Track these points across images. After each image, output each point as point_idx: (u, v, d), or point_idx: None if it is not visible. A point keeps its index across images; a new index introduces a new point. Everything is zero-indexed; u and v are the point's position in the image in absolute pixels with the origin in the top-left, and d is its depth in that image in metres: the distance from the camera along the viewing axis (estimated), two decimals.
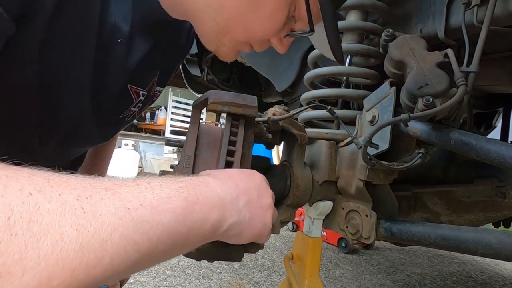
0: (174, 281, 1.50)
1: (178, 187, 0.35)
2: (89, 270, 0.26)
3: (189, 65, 1.45)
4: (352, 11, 0.84)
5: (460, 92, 0.51)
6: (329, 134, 0.80)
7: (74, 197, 0.27)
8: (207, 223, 0.36)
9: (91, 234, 0.26)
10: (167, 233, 0.32)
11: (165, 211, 0.32)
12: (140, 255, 0.29)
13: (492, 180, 0.90)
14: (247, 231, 0.41)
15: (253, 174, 0.46)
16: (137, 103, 0.63)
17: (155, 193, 0.32)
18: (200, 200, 0.36)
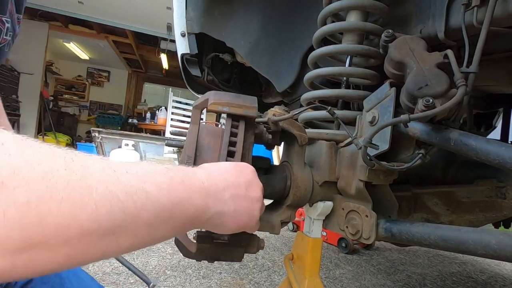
0: (174, 281, 1.50)
1: (166, 168, 0.37)
2: (75, 209, 0.26)
3: (189, 66, 1.45)
4: (352, 12, 0.84)
5: (460, 92, 0.51)
6: (329, 134, 0.80)
7: (62, 150, 0.29)
8: (190, 205, 0.37)
9: (78, 177, 0.27)
10: (151, 202, 0.32)
11: (150, 182, 0.33)
12: (125, 216, 0.30)
13: (492, 181, 0.90)
14: (232, 222, 0.43)
15: (244, 168, 0.47)
16: (6, 32, 0.63)
17: (142, 167, 0.34)
18: (185, 182, 0.37)
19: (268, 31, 1.24)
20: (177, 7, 1.29)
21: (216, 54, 1.45)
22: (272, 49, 1.26)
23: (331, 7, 0.83)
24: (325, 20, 0.88)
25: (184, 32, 1.30)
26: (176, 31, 1.33)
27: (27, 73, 6.66)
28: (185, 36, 1.30)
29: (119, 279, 1.47)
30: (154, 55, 7.78)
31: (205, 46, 1.45)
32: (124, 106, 10.04)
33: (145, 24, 6.21)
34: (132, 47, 7.73)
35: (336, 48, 0.84)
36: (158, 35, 6.47)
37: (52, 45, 7.61)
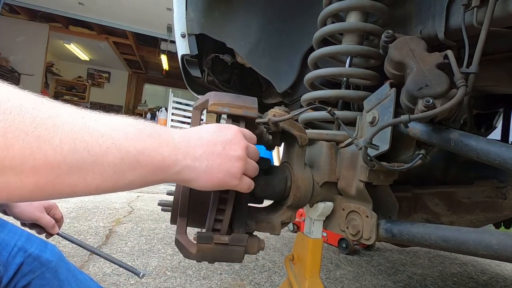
0: (174, 282, 1.50)
1: (136, 121, 0.40)
2: (40, 142, 0.30)
3: (190, 67, 1.45)
4: (352, 12, 0.84)
5: (460, 93, 0.51)
6: (330, 135, 0.80)
7: (37, 96, 0.32)
8: (158, 155, 0.39)
9: (46, 116, 0.30)
10: (116, 146, 0.35)
11: (117, 130, 0.36)
12: (90, 156, 0.33)
13: (493, 181, 0.90)
14: (205, 178, 0.44)
15: (225, 128, 0.48)
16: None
17: (113, 118, 0.37)
18: (154, 136, 0.40)
19: (268, 32, 1.25)
20: (177, 8, 1.30)
21: (216, 55, 1.45)
22: (272, 49, 1.26)
23: (331, 7, 0.83)
24: (325, 20, 0.88)
25: (184, 33, 1.30)
26: (176, 32, 1.33)
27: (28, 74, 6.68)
28: (185, 37, 1.31)
29: (119, 280, 1.46)
30: (154, 56, 7.80)
31: (205, 47, 1.46)
32: (125, 107, 10.05)
33: (145, 25, 6.22)
34: (132, 48, 7.74)
35: (336, 48, 0.84)
36: (158, 36, 6.49)
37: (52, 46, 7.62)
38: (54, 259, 0.79)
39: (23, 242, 0.77)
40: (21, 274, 0.73)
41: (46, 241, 0.84)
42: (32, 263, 0.75)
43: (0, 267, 0.69)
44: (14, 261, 0.73)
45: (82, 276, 0.84)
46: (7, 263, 0.71)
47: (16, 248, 0.75)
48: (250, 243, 0.59)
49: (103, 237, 2.02)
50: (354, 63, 0.91)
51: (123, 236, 2.08)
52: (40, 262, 0.76)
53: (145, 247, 1.91)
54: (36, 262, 0.75)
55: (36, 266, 0.75)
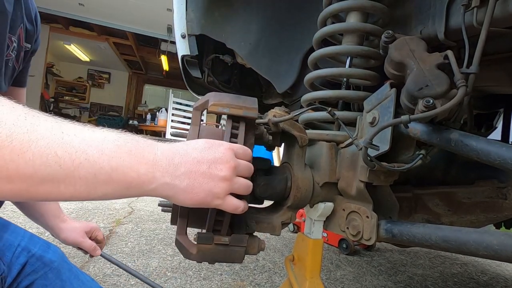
0: (175, 283, 1.49)
1: (118, 137, 0.41)
2: (13, 155, 0.33)
3: (190, 67, 1.45)
4: (352, 13, 0.84)
5: (460, 93, 0.51)
6: (330, 135, 0.80)
7: (24, 111, 0.36)
8: (132, 172, 0.40)
9: (23, 131, 0.34)
10: (89, 162, 0.37)
11: (93, 147, 0.38)
12: (61, 170, 0.36)
13: (493, 181, 0.90)
14: (184, 196, 0.44)
15: (215, 146, 0.48)
16: (13, 49, 0.71)
17: (94, 134, 0.40)
18: (133, 152, 0.41)
19: (268, 32, 1.25)
20: (177, 9, 1.30)
21: (216, 55, 1.45)
22: (272, 50, 1.26)
23: (331, 8, 0.84)
24: (325, 21, 0.88)
25: (185, 33, 1.30)
26: (177, 32, 1.33)
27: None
28: (186, 38, 1.31)
29: (119, 280, 1.46)
30: (154, 56, 7.80)
31: (205, 48, 1.46)
32: (125, 108, 10.06)
33: (145, 26, 6.22)
34: (133, 49, 7.75)
35: (336, 49, 0.84)
36: (159, 36, 6.49)
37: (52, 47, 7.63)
38: (57, 260, 0.79)
39: (26, 243, 0.77)
40: (24, 274, 0.73)
41: (49, 241, 0.84)
42: (35, 263, 0.75)
43: (4, 267, 0.69)
44: (18, 261, 0.73)
45: (83, 276, 0.84)
46: (11, 263, 0.72)
47: (19, 249, 0.75)
48: (251, 244, 0.59)
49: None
50: (354, 63, 0.91)
51: (123, 237, 2.08)
52: (43, 262, 0.76)
53: (145, 248, 1.91)
54: (39, 262, 0.76)
55: (39, 266, 0.75)
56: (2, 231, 0.74)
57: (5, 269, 0.69)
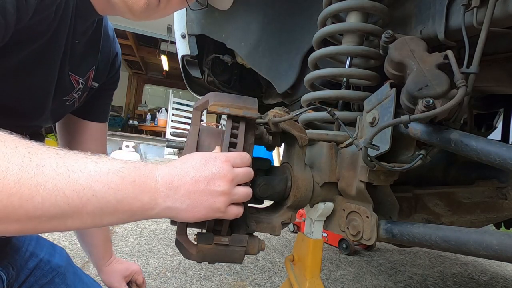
0: (175, 283, 1.49)
1: (121, 167, 0.42)
2: (22, 201, 0.34)
3: (190, 67, 1.45)
4: (352, 13, 0.84)
5: (460, 93, 0.51)
6: (330, 135, 0.80)
7: (27, 150, 0.36)
8: (137, 202, 0.42)
9: (30, 176, 0.35)
10: (97, 198, 0.39)
11: (100, 181, 0.39)
12: (69, 208, 0.37)
13: (493, 181, 0.90)
14: (187, 216, 0.46)
15: (211, 161, 0.48)
16: (77, 90, 0.73)
17: (97, 166, 0.40)
18: (136, 182, 0.42)
19: (268, 32, 1.25)
20: None
21: (216, 55, 1.45)
22: (272, 50, 1.26)
23: (331, 8, 0.84)
24: (325, 21, 0.88)
25: (185, 33, 1.30)
26: (177, 32, 1.33)
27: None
28: (186, 38, 1.31)
29: None
30: (154, 56, 7.80)
31: (206, 48, 1.46)
32: (125, 108, 10.05)
33: (145, 26, 6.22)
34: (133, 49, 7.74)
35: (336, 49, 0.84)
36: (159, 36, 6.48)
37: None
38: (63, 264, 0.80)
39: (34, 247, 0.77)
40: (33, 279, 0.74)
41: (54, 244, 0.84)
42: (44, 267, 0.76)
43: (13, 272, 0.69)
44: (27, 265, 0.73)
45: (87, 279, 0.85)
46: (20, 266, 0.72)
47: (28, 253, 0.75)
48: (250, 244, 0.59)
49: None
50: (354, 63, 0.91)
51: (123, 237, 2.08)
52: (51, 267, 0.77)
53: (145, 248, 1.91)
54: (47, 267, 0.77)
55: (47, 270, 0.76)
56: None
57: (13, 274, 0.69)
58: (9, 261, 0.69)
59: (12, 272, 0.69)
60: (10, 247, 0.72)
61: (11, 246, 0.72)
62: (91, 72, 0.76)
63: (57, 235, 1.97)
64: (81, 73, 0.72)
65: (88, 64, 0.73)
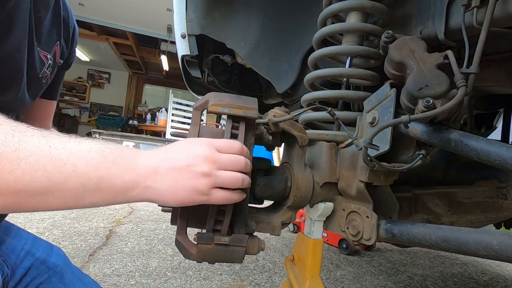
0: (175, 283, 1.49)
1: (104, 147, 0.43)
2: (3, 174, 0.36)
3: (190, 67, 1.45)
4: (352, 13, 0.84)
5: (460, 93, 0.51)
6: (330, 135, 0.80)
7: (11, 128, 0.38)
8: (118, 180, 0.42)
9: (12, 150, 0.36)
10: (77, 174, 0.40)
11: (81, 158, 0.40)
12: (51, 183, 0.38)
13: (493, 181, 0.90)
14: (168, 197, 0.45)
15: (195, 143, 0.48)
16: (48, 66, 0.72)
17: (79, 145, 0.41)
18: (117, 161, 0.43)
19: (268, 33, 1.25)
20: (177, 9, 1.30)
21: (216, 55, 1.45)
22: (272, 50, 1.26)
23: (331, 8, 0.84)
24: (325, 21, 0.88)
25: (185, 33, 1.30)
26: (177, 32, 1.33)
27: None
28: (186, 38, 1.31)
29: (119, 280, 1.46)
30: (154, 56, 7.80)
31: (206, 48, 1.46)
32: (125, 108, 10.05)
33: (145, 26, 6.22)
34: (133, 49, 7.74)
35: (336, 49, 0.84)
36: (159, 36, 6.49)
37: None
38: (60, 263, 0.79)
39: (30, 246, 0.77)
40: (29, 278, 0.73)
41: (51, 244, 0.84)
42: (39, 267, 0.75)
43: (8, 271, 0.69)
44: (22, 265, 0.73)
45: (86, 278, 0.84)
46: (15, 266, 0.72)
47: (23, 252, 0.75)
48: (251, 244, 0.59)
49: (103, 237, 2.02)
50: (354, 63, 0.91)
51: (123, 237, 2.08)
52: (47, 266, 0.76)
53: (145, 248, 1.91)
54: (43, 266, 0.76)
55: (43, 270, 0.75)
56: (5, 234, 0.74)
57: (8, 273, 0.69)
58: (4, 259, 0.69)
59: (7, 270, 0.68)
60: (6, 246, 0.72)
61: (7, 245, 0.72)
62: (56, 47, 0.75)
63: (57, 234, 1.97)
64: (48, 49, 0.71)
65: (53, 39, 0.73)
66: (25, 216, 2.27)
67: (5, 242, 0.72)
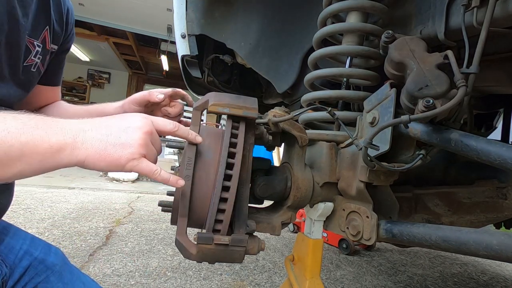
0: (175, 283, 1.49)
1: (19, 115, 0.43)
2: None
3: (190, 67, 1.45)
4: (352, 13, 0.84)
5: (460, 93, 0.51)
6: (330, 135, 0.80)
7: None
8: (43, 143, 0.42)
9: None
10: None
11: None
12: None
13: (493, 181, 0.90)
14: (98, 158, 0.44)
15: (132, 115, 0.49)
16: (36, 54, 0.70)
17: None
18: (40, 126, 0.42)
19: (268, 33, 1.25)
20: (177, 9, 1.30)
21: (216, 55, 1.45)
22: (272, 50, 1.26)
23: (331, 8, 0.84)
24: (325, 21, 0.88)
25: (185, 33, 1.30)
26: (177, 32, 1.33)
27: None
28: (186, 38, 1.31)
29: (119, 280, 1.46)
30: (154, 56, 7.80)
31: (206, 48, 1.46)
32: None
33: (145, 26, 6.22)
34: (133, 49, 7.74)
35: (336, 49, 0.84)
36: (159, 36, 6.48)
37: None
38: (59, 263, 0.79)
39: (28, 245, 0.77)
40: (27, 277, 0.73)
41: (50, 244, 0.84)
42: (38, 266, 0.75)
43: (6, 270, 0.69)
44: (20, 264, 0.73)
45: (85, 278, 0.84)
46: (14, 266, 0.72)
47: (22, 252, 0.75)
48: (251, 244, 0.59)
49: (103, 237, 2.02)
50: (354, 63, 0.91)
51: (123, 237, 2.08)
52: (46, 266, 0.76)
53: (145, 248, 1.91)
54: (41, 266, 0.76)
55: (41, 269, 0.75)
56: (3, 234, 0.74)
57: (7, 272, 0.69)
58: (2, 259, 0.69)
59: (6, 270, 0.68)
60: (4, 246, 0.72)
61: (5, 245, 0.72)
62: (45, 32, 0.72)
63: (57, 234, 1.97)
64: (34, 35, 0.68)
65: (40, 24, 0.70)
66: (25, 216, 2.27)
67: (3, 241, 0.72)
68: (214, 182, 0.53)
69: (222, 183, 0.52)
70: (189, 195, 0.54)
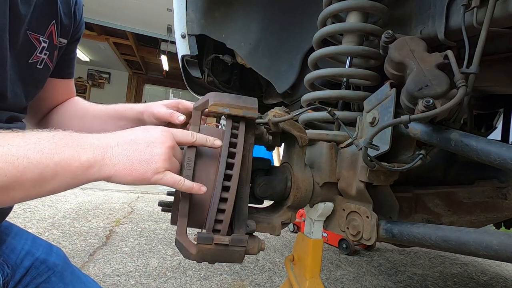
0: (175, 283, 1.49)
1: (51, 135, 0.44)
2: None
3: (190, 67, 1.45)
4: (352, 13, 0.84)
5: (460, 93, 0.51)
6: (330, 135, 0.80)
7: None
8: (75, 162, 0.44)
9: None
10: (33, 164, 0.41)
11: (32, 149, 0.41)
12: (8, 179, 0.39)
13: (493, 181, 0.90)
14: (124, 173, 0.46)
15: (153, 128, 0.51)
16: (42, 50, 0.69)
17: (25, 138, 0.42)
18: (70, 145, 0.44)
19: (268, 32, 1.25)
20: (177, 9, 1.30)
21: (216, 55, 1.45)
22: (272, 50, 1.26)
23: (331, 8, 0.84)
24: (325, 21, 0.88)
25: (185, 33, 1.30)
26: (177, 32, 1.33)
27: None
28: (186, 38, 1.31)
29: (119, 280, 1.46)
30: (154, 56, 7.80)
31: (206, 48, 1.46)
32: None
33: (145, 26, 6.22)
34: (133, 49, 7.75)
35: (336, 49, 0.84)
36: (159, 36, 6.49)
37: None
38: (60, 263, 0.79)
39: (30, 246, 0.77)
40: (29, 278, 0.73)
41: (51, 244, 0.84)
42: (39, 266, 0.75)
43: (8, 271, 0.69)
44: (22, 264, 0.73)
45: (85, 278, 0.84)
46: (15, 265, 0.72)
47: (23, 252, 0.75)
48: (251, 244, 0.59)
49: (103, 237, 2.02)
50: (354, 63, 0.91)
51: (123, 237, 2.08)
52: (47, 266, 0.76)
53: (145, 248, 1.91)
54: (43, 266, 0.76)
55: (43, 269, 0.75)
56: (5, 234, 0.74)
57: (9, 273, 0.69)
58: (4, 259, 0.69)
59: (8, 270, 0.68)
60: (6, 246, 0.72)
61: (7, 245, 0.72)
62: (52, 27, 0.70)
63: (57, 234, 1.97)
64: (40, 30, 0.67)
65: (46, 19, 0.68)
66: (25, 216, 2.27)
67: (5, 242, 0.72)
68: (214, 182, 0.53)
69: (222, 183, 0.52)
70: (189, 194, 0.54)
